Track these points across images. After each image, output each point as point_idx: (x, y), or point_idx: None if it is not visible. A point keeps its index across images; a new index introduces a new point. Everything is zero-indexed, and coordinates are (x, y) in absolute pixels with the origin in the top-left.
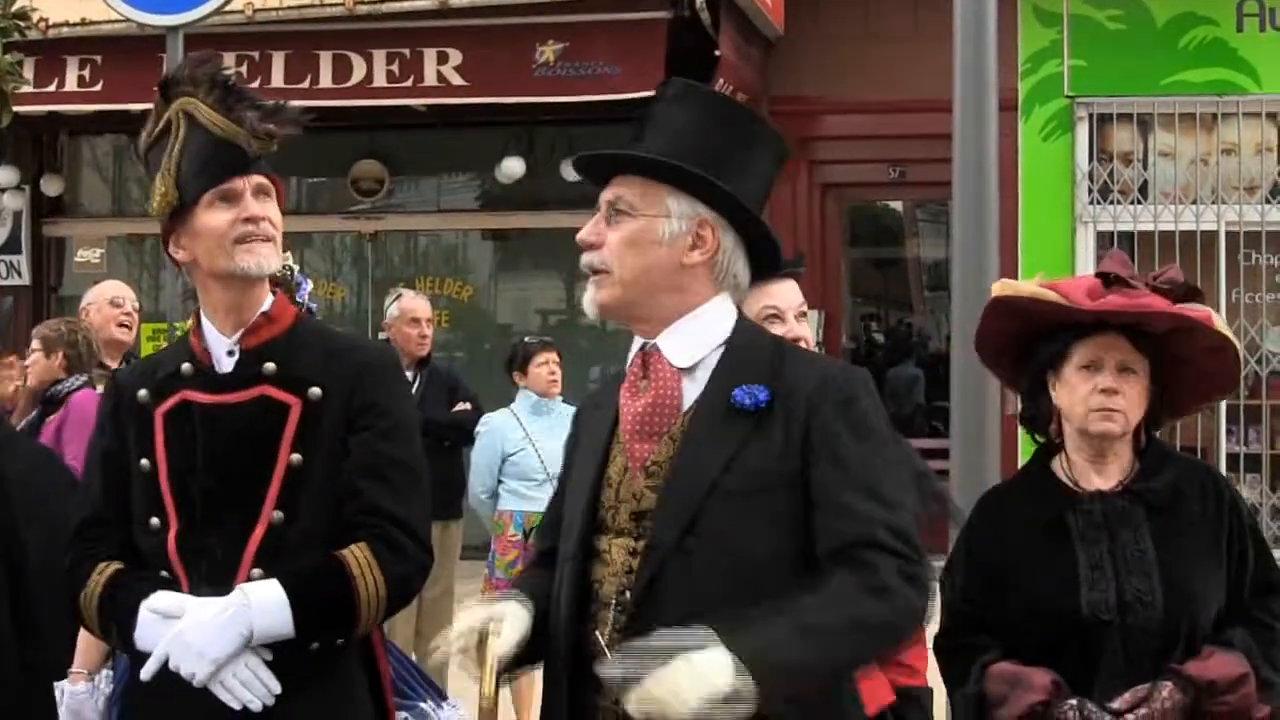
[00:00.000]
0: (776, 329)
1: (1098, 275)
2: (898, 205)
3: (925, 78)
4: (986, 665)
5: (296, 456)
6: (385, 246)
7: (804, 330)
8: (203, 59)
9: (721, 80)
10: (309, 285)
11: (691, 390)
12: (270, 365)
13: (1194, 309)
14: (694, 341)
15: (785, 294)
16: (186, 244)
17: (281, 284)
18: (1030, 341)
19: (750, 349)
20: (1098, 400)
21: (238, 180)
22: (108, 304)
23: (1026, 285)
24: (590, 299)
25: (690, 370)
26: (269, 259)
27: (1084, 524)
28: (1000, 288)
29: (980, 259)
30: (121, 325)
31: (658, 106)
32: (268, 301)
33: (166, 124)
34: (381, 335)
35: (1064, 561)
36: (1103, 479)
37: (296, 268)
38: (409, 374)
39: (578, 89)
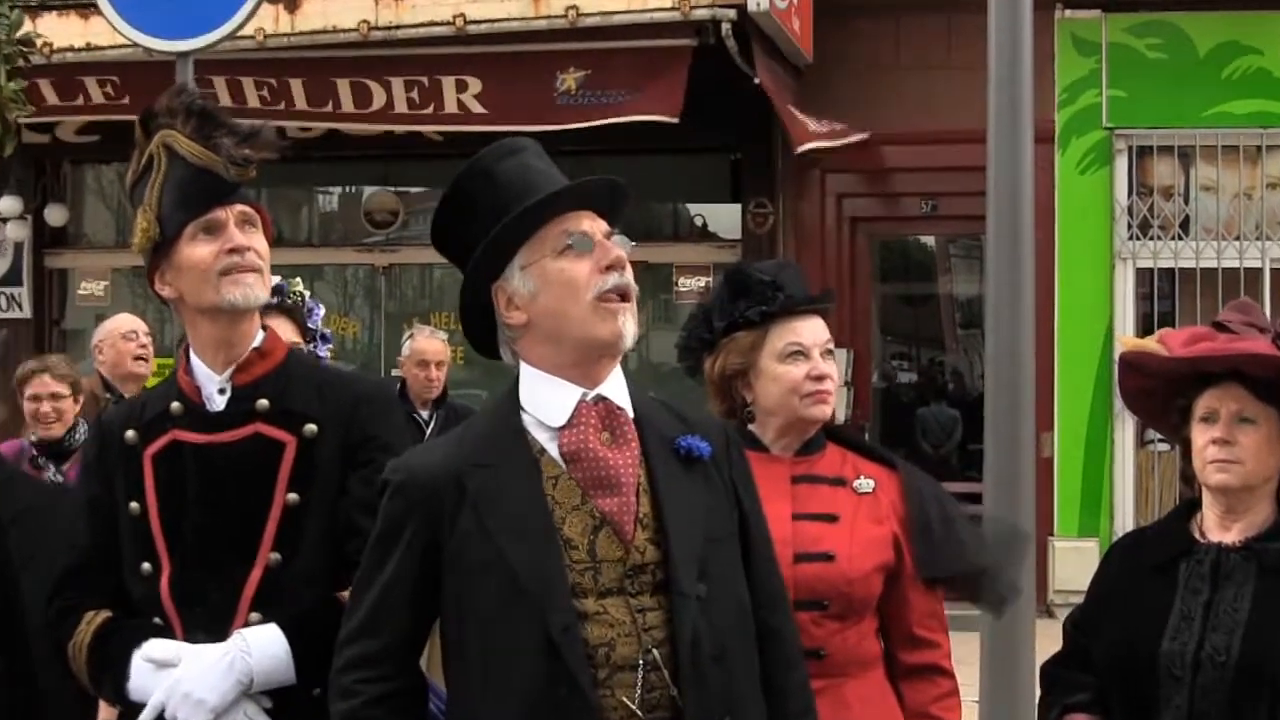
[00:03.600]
0: (801, 367)
1: (1212, 324)
2: (929, 240)
3: (958, 108)
4: (1067, 709)
5: (293, 496)
6: (399, 280)
7: (830, 368)
8: (179, 89)
9: (788, 107)
10: (321, 311)
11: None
12: (263, 402)
13: None
14: (623, 389)
15: (811, 330)
16: (171, 279)
17: (292, 311)
18: (1171, 397)
19: (635, 393)
20: (1212, 452)
21: (219, 210)
22: (120, 338)
23: (1133, 340)
24: (630, 330)
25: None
26: (256, 290)
27: (1192, 573)
28: (1122, 344)
29: (1015, 296)
30: (138, 359)
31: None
32: (259, 336)
33: (149, 159)
34: (395, 372)
35: (1159, 607)
36: (1231, 533)
37: (308, 293)
38: (424, 413)
39: (598, 115)
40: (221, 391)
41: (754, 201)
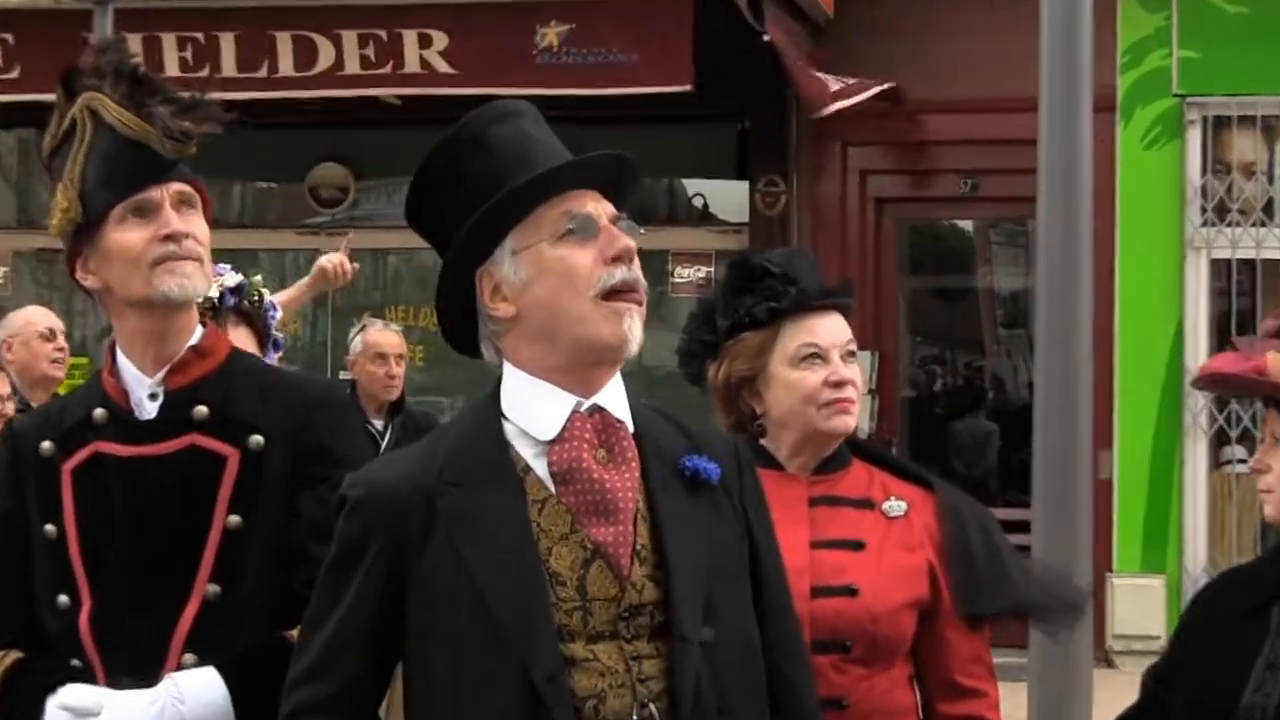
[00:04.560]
0: (817, 372)
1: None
2: (967, 225)
3: (1003, 72)
4: None
5: (235, 518)
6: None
7: (852, 373)
8: (106, 45)
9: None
10: (279, 313)
11: None
12: (201, 409)
13: None
14: (622, 398)
15: (829, 329)
16: (96, 268)
17: (253, 317)
18: None
19: (634, 403)
20: (1261, 481)
21: (153, 189)
22: (37, 337)
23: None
24: (638, 334)
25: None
26: (195, 281)
27: None
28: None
29: (1069, 290)
30: (54, 362)
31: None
32: (196, 333)
33: (71, 123)
34: (344, 375)
35: (1244, 654)
36: None
37: (266, 292)
38: (378, 422)
39: (587, 80)
40: (153, 396)
41: (764, 178)
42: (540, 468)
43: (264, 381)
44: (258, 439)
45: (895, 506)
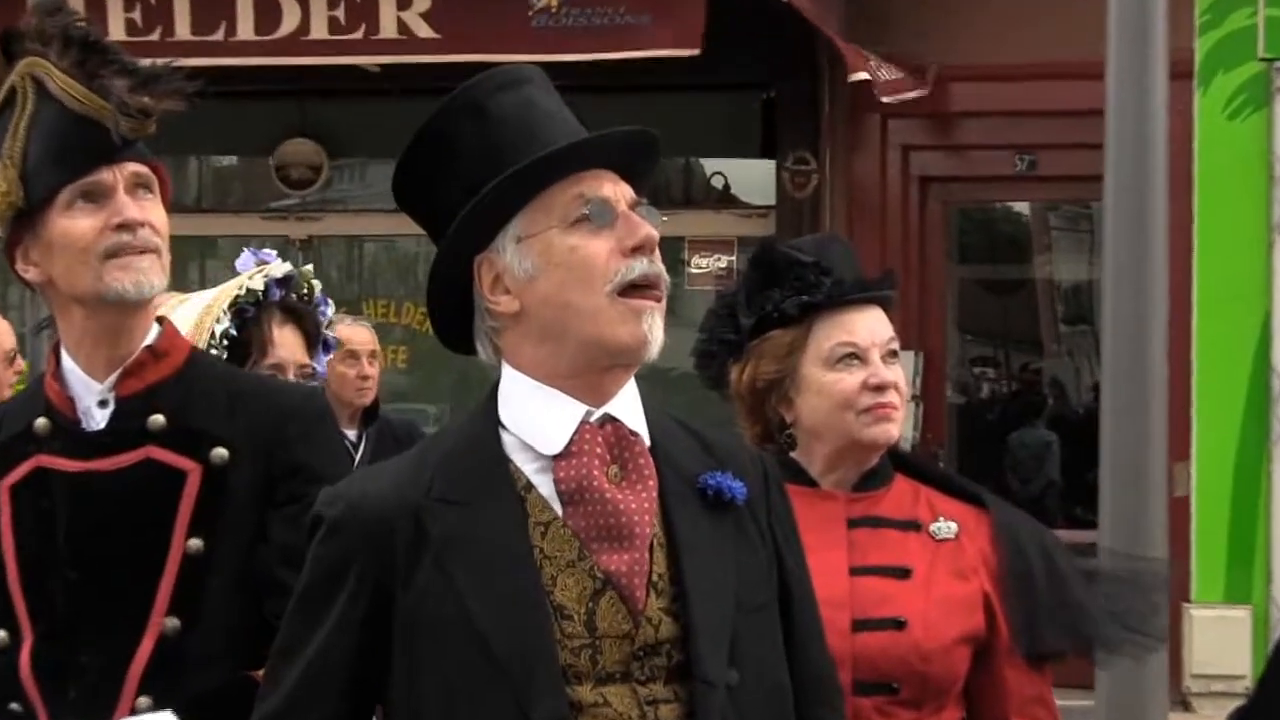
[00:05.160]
0: (855, 374)
1: None
2: (1024, 208)
3: (1065, 34)
4: None
5: (196, 542)
6: (321, 257)
7: (894, 376)
8: (52, 6)
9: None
10: (330, 310)
11: None
12: (158, 418)
13: None
14: (637, 407)
15: (868, 327)
16: (39, 259)
17: (303, 317)
18: None
19: (650, 412)
20: None
21: (105, 171)
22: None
23: None
24: (658, 335)
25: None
26: (151, 277)
27: None
28: None
29: (1140, 281)
30: (11, 387)
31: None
32: (152, 332)
33: (10, 92)
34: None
35: None
36: None
37: (319, 285)
38: (350, 432)
39: (589, 44)
40: (103, 404)
41: (792, 156)
42: (544, 485)
43: (230, 387)
44: (222, 452)
45: (945, 528)
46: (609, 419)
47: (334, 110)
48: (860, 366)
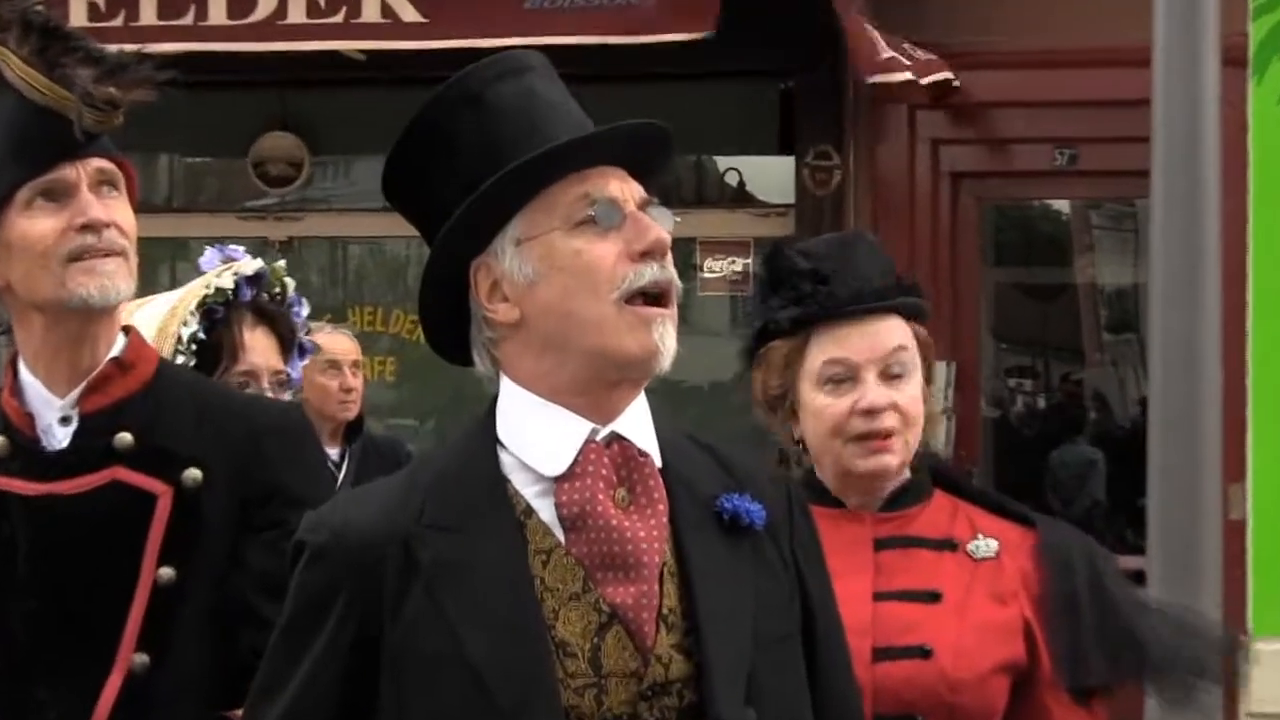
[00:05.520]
0: (844, 398)
1: None
2: (1064, 206)
3: (1110, 17)
4: None
5: (167, 570)
6: (301, 260)
7: (892, 396)
8: None
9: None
10: (305, 310)
11: None
12: (125, 437)
13: None
14: (647, 425)
15: (867, 341)
16: None
17: (276, 319)
18: None
19: (661, 430)
20: None
21: (68, 168)
22: None
23: None
24: (670, 346)
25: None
26: (118, 282)
27: None
28: None
29: (1190, 285)
30: None
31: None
32: (118, 343)
33: None
34: (287, 394)
35: None
36: None
37: (291, 283)
38: (332, 450)
39: (590, 27)
40: (65, 421)
41: (813, 150)
42: (545, 510)
43: (203, 402)
44: (195, 474)
45: (984, 546)
46: (616, 437)
47: (316, 101)
48: (851, 387)
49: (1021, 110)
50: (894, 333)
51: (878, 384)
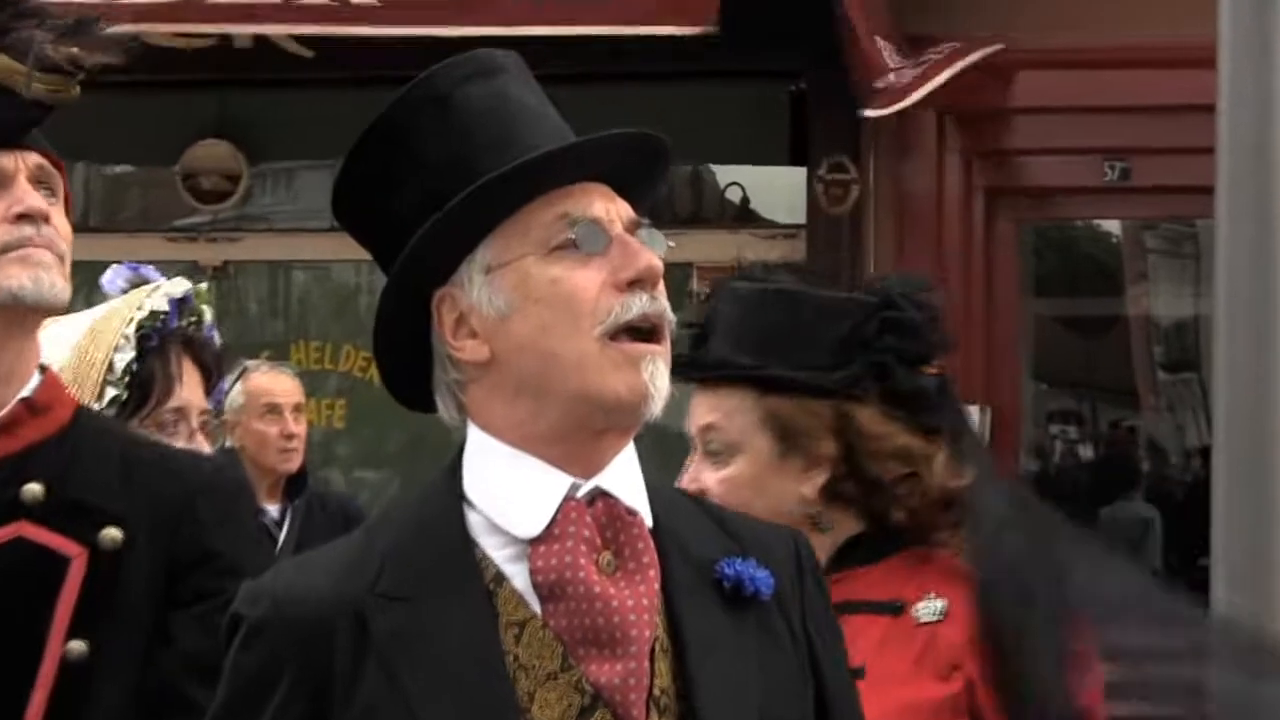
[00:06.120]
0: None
1: None
2: (1114, 227)
3: (1167, 9)
4: None
5: (79, 644)
6: (239, 287)
7: (713, 477)
8: None
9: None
10: (217, 340)
11: None
12: (34, 488)
13: None
14: (635, 480)
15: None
16: None
17: (201, 347)
18: None
19: (652, 485)
20: None
21: (5, 157)
22: None
23: None
24: (663, 387)
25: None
26: (54, 277)
27: None
28: None
29: (1260, 315)
30: None
31: None
32: (32, 380)
33: None
34: (226, 443)
35: None
36: None
37: (209, 311)
38: (271, 507)
39: (573, 17)
40: None
41: (827, 161)
42: (519, 577)
43: (131, 455)
44: (114, 533)
45: (929, 608)
46: (600, 494)
47: (256, 104)
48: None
49: (1066, 117)
50: (700, 408)
51: (699, 462)
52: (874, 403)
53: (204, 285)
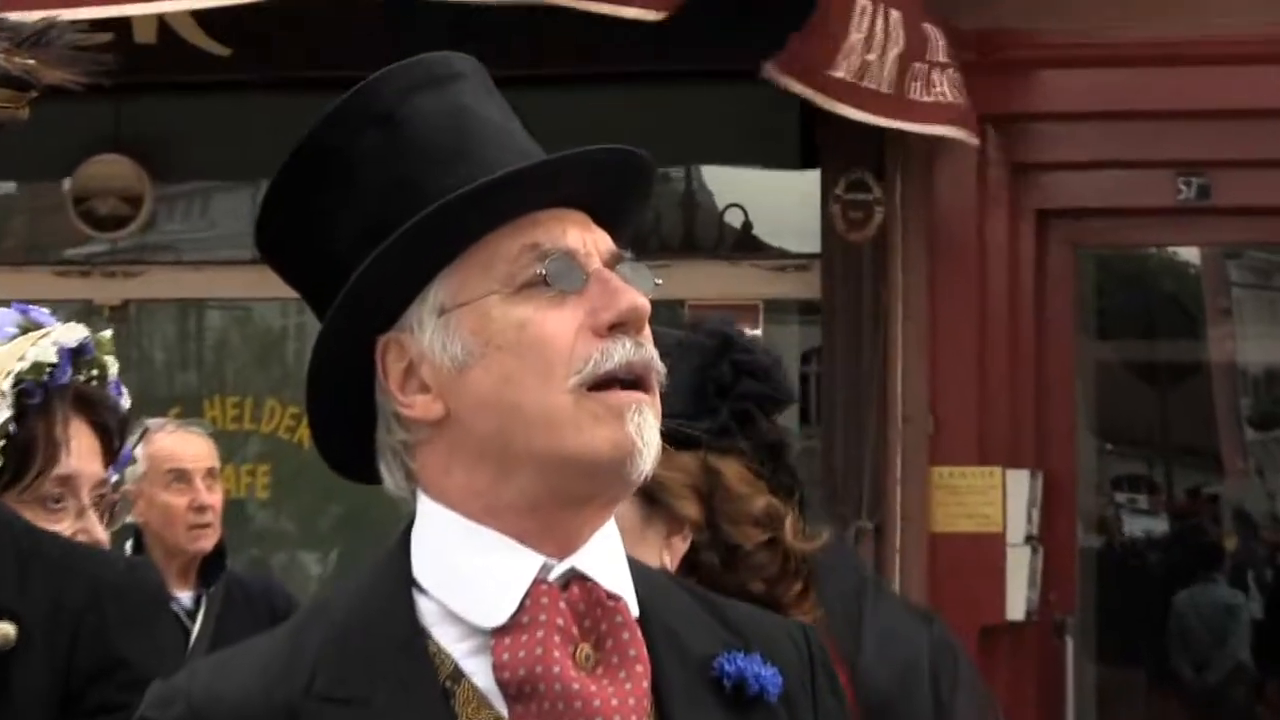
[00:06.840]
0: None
1: None
2: (1192, 254)
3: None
4: None
5: None
6: (140, 330)
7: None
8: None
9: None
10: (126, 400)
11: None
12: None
13: None
14: (618, 560)
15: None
16: None
17: (100, 406)
18: None
19: (637, 567)
20: None
21: None
22: None
23: None
24: (652, 443)
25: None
26: None
27: None
28: None
29: None
30: None
31: None
32: None
33: None
34: (128, 518)
35: None
36: None
37: (114, 364)
38: (183, 594)
39: None
40: None
41: (845, 178)
42: (481, 673)
43: (29, 548)
44: (6, 630)
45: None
46: (576, 576)
47: (161, 111)
48: None
49: (1130, 125)
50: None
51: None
52: (737, 457)
53: (107, 333)
